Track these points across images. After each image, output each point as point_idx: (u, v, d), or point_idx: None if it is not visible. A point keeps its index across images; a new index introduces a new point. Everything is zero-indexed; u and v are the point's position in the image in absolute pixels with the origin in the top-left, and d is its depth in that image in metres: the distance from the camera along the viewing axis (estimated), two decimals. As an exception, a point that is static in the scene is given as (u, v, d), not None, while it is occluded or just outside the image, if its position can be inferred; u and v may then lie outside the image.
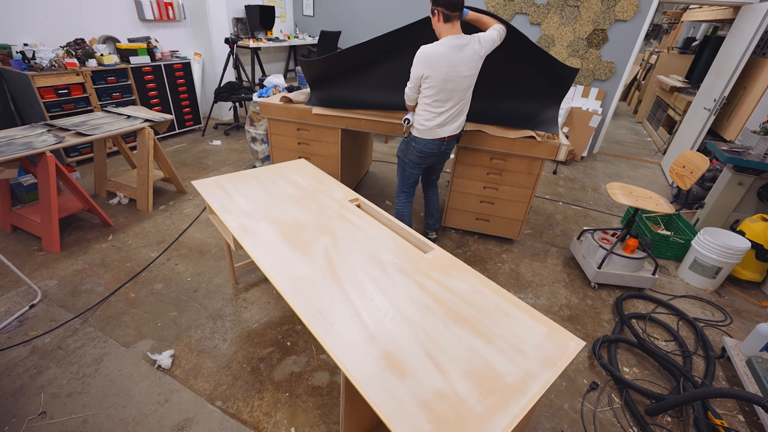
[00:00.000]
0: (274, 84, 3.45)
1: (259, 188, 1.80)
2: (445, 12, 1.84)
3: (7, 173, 2.13)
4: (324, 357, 1.83)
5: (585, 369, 1.88)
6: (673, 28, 8.34)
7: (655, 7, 4.15)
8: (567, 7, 4.45)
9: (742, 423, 1.68)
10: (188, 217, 2.92)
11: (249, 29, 5.22)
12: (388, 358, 0.96)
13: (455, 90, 1.97)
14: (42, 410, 1.51)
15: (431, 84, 1.94)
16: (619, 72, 4.56)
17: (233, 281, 2.25)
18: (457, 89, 1.97)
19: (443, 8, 1.84)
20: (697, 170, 2.27)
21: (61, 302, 2.04)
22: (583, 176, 4.38)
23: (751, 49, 3.55)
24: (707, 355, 1.98)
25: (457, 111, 2.06)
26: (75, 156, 3.59)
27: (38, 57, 3.22)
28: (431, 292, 1.20)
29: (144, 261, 2.40)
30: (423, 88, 1.99)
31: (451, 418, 0.83)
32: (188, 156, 4.05)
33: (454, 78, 1.93)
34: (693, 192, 3.50)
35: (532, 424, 1.60)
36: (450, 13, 1.85)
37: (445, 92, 1.97)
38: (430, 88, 1.96)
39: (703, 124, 4.03)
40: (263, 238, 1.42)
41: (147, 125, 2.74)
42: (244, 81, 5.01)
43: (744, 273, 2.59)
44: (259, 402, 1.61)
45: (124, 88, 3.87)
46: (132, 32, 4.21)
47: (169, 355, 1.75)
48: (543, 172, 2.51)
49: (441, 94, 1.97)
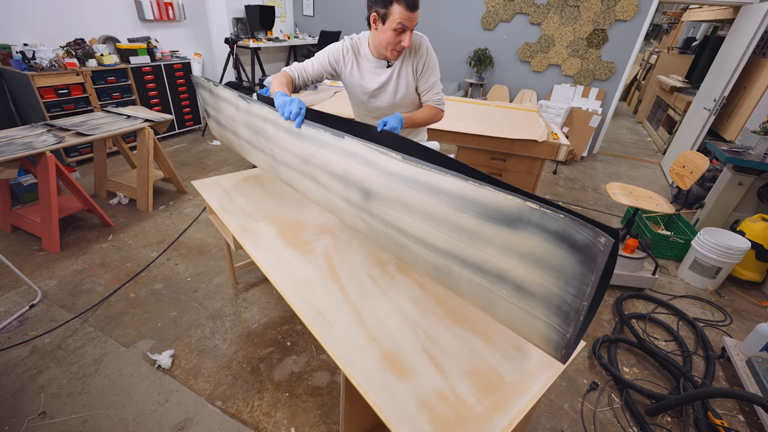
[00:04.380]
0: (274, 84, 3.45)
1: (259, 188, 1.80)
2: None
3: (7, 173, 2.13)
4: (324, 357, 1.83)
5: (585, 369, 1.88)
6: (673, 28, 8.34)
7: (655, 7, 4.15)
8: (567, 7, 4.46)
9: (742, 423, 1.68)
10: (188, 217, 2.92)
11: (249, 29, 5.22)
12: (388, 358, 0.96)
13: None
14: (42, 410, 1.51)
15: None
16: (619, 72, 4.56)
17: (233, 281, 2.25)
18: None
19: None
20: (697, 170, 2.28)
21: (61, 302, 2.04)
22: (583, 176, 4.38)
23: (751, 49, 3.55)
24: (707, 355, 1.98)
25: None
26: (75, 156, 3.59)
27: (38, 57, 3.22)
28: (431, 292, 1.20)
29: (144, 261, 2.40)
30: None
31: (450, 418, 0.83)
32: (188, 156, 4.05)
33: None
34: (693, 192, 3.50)
35: (532, 424, 1.60)
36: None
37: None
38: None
39: (703, 124, 4.03)
40: (263, 238, 1.42)
41: (147, 125, 2.74)
42: (244, 81, 5.01)
43: (744, 273, 2.59)
44: (259, 402, 1.61)
45: (124, 88, 3.87)
46: (132, 32, 4.21)
47: (169, 355, 1.75)
48: (543, 172, 2.51)
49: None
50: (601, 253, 0.63)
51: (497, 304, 0.82)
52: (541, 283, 0.72)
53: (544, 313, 0.74)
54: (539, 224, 0.71)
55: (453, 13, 5.05)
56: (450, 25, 5.11)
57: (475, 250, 0.81)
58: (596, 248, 0.64)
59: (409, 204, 0.92)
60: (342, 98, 3.05)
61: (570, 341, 0.71)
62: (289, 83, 1.47)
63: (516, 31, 4.82)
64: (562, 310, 0.71)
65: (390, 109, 1.60)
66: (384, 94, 1.57)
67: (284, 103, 1.20)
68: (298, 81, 1.53)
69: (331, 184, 1.14)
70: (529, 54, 4.86)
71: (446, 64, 5.25)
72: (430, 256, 0.92)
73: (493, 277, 0.80)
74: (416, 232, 0.93)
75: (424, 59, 1.48)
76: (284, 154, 1.29)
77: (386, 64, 1.51)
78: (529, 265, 0.73)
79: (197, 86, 1.69)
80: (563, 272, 0.69)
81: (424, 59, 1.48)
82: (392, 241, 1.02)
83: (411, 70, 1.51)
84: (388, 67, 1.51)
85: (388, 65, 1.51)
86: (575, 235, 0.67)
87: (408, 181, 0.91)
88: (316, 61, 1.55)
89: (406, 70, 1.51)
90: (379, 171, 0.97)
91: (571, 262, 0.67)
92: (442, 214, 0.86)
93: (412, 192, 0.91)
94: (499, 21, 4.83)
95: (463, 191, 0.82)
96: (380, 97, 1.58)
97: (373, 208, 1.02)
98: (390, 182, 0.95)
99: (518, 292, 0.77)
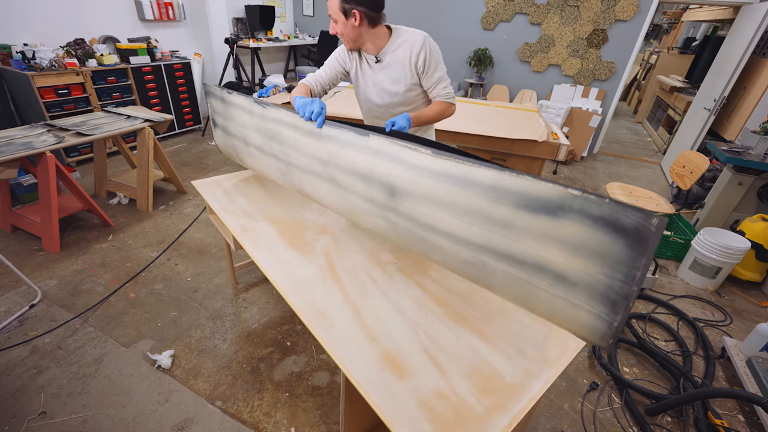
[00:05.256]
0: (274, 84, 3.45)
1: (259, 188, 1.80)
2: (369, 14, 1.37)
3: (7, 173, 2.13)
4: (324, 357, 1.83)
5: (585, 369, 1.88)
6: (673, 28, 8.34)
7: (655, 7, 4.15)
8: (567, 7, 4.45)
9: (742, 423, 1.68)
10: (188, 217, 2.92)
11: (249, 29, 5.22)
12: (388, 358, 0.96)
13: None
14: (42, 410, 1.51)
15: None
16: (619, 72, 4.56)
17: (233, 281, 2.25)
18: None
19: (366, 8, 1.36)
20: (697, 170, 2.28)
21: (61, 302, 2.04)
22: (583, 176, 4.38)
23: (751, 49, 3.55)
24: (707, 355, 1.98)
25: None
26: (75, 156, 3.59)
27: (38, 57, 3.22)
28: (431, 292, 1.20)
29: (144, 261, 2.40)
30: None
31: (450, 418, 0.83)
32: (188, 156, 4.05)
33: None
34: (693, 192, 3.50)
35: (532, 424, 1.60)
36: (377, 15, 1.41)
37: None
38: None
39: (703, 124, 4.03)
40: (263, 238, 1.42)
41: (147, 125, 2.74)
42: (244, 81, 5.01)
43: (744, 273, 2.59)
44: (259, 402, 1.61)
45: (124, 88, 3.87)
46: (132, 32, 4.21)
47: (169, 355, 1.75)
48: (543, 172, 2.50)
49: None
50: (653, 234, 0.61)
51: (536, 296, 0.80)
52: (584, 271, 0.70)
53: (588, 302, 0.71)
54: (582, 210, 0.69)
55: (453, 13, 5.05)
56: (450, 25, 5.11)
57: (511, 241, 0.79)
58: (647, 230, 0.62)
59: (438, 199, 0.91)
60: (342, 98, 3.05)
61: (617, 330, 0.69)
62: (308, 93, 1.50)
63: (516, 31, 4.82)
64: (608, 297, 0.68)
65: (386, 107, 1.59)
66: (376, 91, 1.57)
67: (305, 103, 1.21)
68: (316, 89, 1.55)
69: (353, 184, 1.13)
70: (529, 54, 4.86)
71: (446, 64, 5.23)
72: (461, 251, 0.91)
73: (531, 268, 0.78)
74: (446, 227, 0.92)
75: (423, 56, 1.45)
76: (300, 157, 1.29)
77: (375, 60, 1.50)
78: (570, 253, 0.71)
79: (208, 95, 1.69)
80: (609, 258, 0.67)
81: (423, 56, 1.45)
82: (418, 239, 1.01)
83: (408, 67, 1.48)
84: (377, 62, 1.51)
85: (377, 60, 1.50)
86: (622, 219, 0.64)
87: (438, 176, 0.90)
88: (327, 67, 1.57)
89: (398, 66, 1.49)
90: (407, 167, 0.96)
91: (618, 246, 0.65)
92: (475, 206, 0.84)
93: (442, 186, 0.90)
94: (499, 21, 4.83)
95: (498, 182, 0.80)
96: (375, 94, 1.58)
97: (399, 206, 1.01)
98: (419, 178, 0.94)
99: (559, 282, 0.74)
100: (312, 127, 1.21)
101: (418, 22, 5.23)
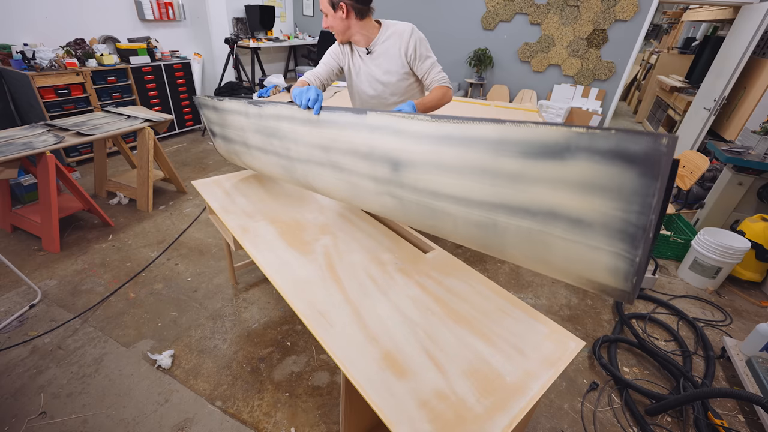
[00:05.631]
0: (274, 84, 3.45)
1: (259, 188, 1.80)
2: (356, 6, 1.45)
3: (7, 173, 2.13)
4: (324, 357, 1.83)
5: (585, 369, 1.88)
6: (673, 28, 8.34)
7: (655, 7, 4.15)
8: (567, 7, 4.46)
9: (742, 423, 1.68)
10: (188, 217, 2.92)
11: (249, 29, 5.22)
12: (388, 358, 0.96)
13: None
14: (42, 410, 1.51)
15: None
16: (619, 72, 4.56)
17: (233, 281, 2.25)
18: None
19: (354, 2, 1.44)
20: (697, 170, 2.27)
21: (61, 302, 2.04)
22: (583, 176, 4.37)
23: (751, 49, 3.55)
24: (707, 355, 1.98)
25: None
26: (75, 156, 3.59)
27: (38, 57, 3.22)
28: (431, 292, 1.20)
29: (144, 261, 2.40)
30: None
31: (450, 418, 0.83)
32: (188, 156, 4.05)
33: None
34: (693, 192, 3.50)
35: (532, 424, 1.60)
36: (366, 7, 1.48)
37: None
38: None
39: (703, 124, 4.03)
40: (263, 238, 1.42)
41: (147, 125, 2.74)
42: (244, 81, 5.01)
43: (744, 273, 2.59)
44: (259, 402, 1.61)
45: (124, 88, 3.87)
46: (132, 32, 4.21)
47: (169, 355, 1.75)
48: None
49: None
50: (665, 154, 0.59)
51: (552, 247, 0.77)
52: (599, 210, 0.68)
53: (607, 242, 0.69)
54: (589, 147, 0.66)
55: (453, 13, 5.05)
56: (450, 25, 5.11)
57: (522, 192, 0.77)
58: (659, 152, 0.59)
59: (443, 163, 0.89)
60: (343, 98, 3.04)
61: (640, 265, 0.67)
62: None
63: (516, 31, 4.82)
64: (626, 233, 0.66)
65: (378, 98, 1.64)
66: (369, 81, 1.62)
67: (300, 92, 1.21)
68: (314, 83, 1.58)
69: (355, 165, 1.12)
70: (529, 54, 4.86)
71: (446, 64, 5.23)
72: (472, 214, 0.89)
73: (544, 216, 0.75)
74: (454, 191, 0.90)
75: (413, 45, 1.50)
76: (301, 148, 1.29)
77: (366, 51, 1.57)
78: (583, 194, 0.69)
79: (200, 107, 1.70)
80: (623, 191, 0.65)
81: (413, 45, 1.50)
82: (427, 210, 0.99)
83: (399, 57, 1.54)
84: (368, 53, 1.57)
85: (368, 52, 1.57)
86: (631, 146, 0.62)
87: (440, 140, 0.88)
88: (323, 63, 1.63)
89: (389, 57, 1.55)
90: (408, 137, 0.95)
91: (631, 176, 0.63)
92: (481, 164, 0.82)
93: (445, 149, 0.88)
94: (499, 21, 4.83)
95: (501, 134, 0.78)
96: (368, 85, 1.63)
97: (404, 179, 1.00)
98: (421, 146, 0.93)
99: (575, 227, 0.72)
100: (310, 116, 1.20)
101: (419, 22, 5.21)
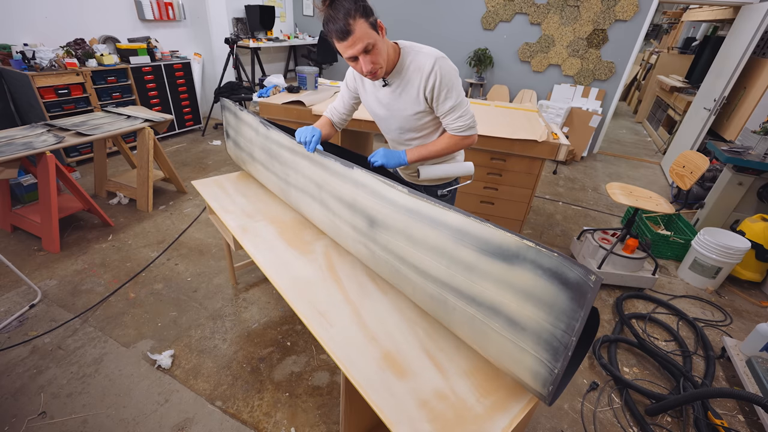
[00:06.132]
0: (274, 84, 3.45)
1: (259, 188, 1.80)
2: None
3: (7, 173, 2.13)
4: (324, 357, 1.83)
5: (585, 369, 1.88)
6: (673, 28, 8.34)
7: (655, 7, 4.15)
8: (567, 7, 4.45)
9: (742, 423, 1.68)
10: (188, 217, 2.92)
11: (249, 29, 5.22)
12: (388, 358, 0.96)
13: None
14: (42, 410, 1.51)
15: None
16: (619, 72, 4.56)
17: (233, 281, 2.25)
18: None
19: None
20: (697, 170, 2.27)
21: (61, 302, 2.04)
22: (583, 176, 4.38)
23: (751, 49, 3.54)
24: (707, 355, 1.98)
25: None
26: (75, 156, 3.59)
27: (38, 57, 3.22)
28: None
29: (144, 261, 2.40)
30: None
31: (450, 418, 0.83)
32: (188, 156, 4.05)
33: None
34: (693, 192, 3.50)
35: (532, 424, 1.60)
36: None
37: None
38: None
39: (703, 124, 4.03)
40: (263, 238, 1.42)
41: (147, 125, 2.74)
42: (244, 81, 5.01)
43: (744, 273, 2.59)
44: (259, 402, 1.61)
45: (124, 88, 3.87)
46: (132, 32, 4.21)
47: (169, 355, 1.75)
48: (543, 172, 2.50)
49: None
50: (591, 290, 0.68)
51: (489, 337, 0.85)
52: (532, 317, 0.76)
53: (533, 348, 0.76)
54: (534, 261, 0.75)
55: (453, 14, 5.04)
56: (450, 26, 5.11)
57: (472, 282, 0.85)
58: (587, 285, 0.68)
59: (411, 235, 0.97)
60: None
61: (557, 377, 0.74)
62: (327, 124, 1.53)
63: (516, 31, 4.82)
64: (551, 345, 0.74)
65: (397, 132, 1.45)
66: (385, 115, 1.41)
67: (301, 130, 1.34)
68: (335, 119, 1.55)
69: (339, 210, 1.21)
70: (529, 54, 4.86)
71: (446, 64, 5.25)
72: (428, 286, 0.96)
73: (487, 309, 0.83)
74: (417, 261, 0.97)
75: (432, 83, 1.24)
76: (299, 178, 1.38)
77: (382, 83, 1.33)
78: (522, 299, 0.77)
79: (224, 108, 1.84)
80: (554, 308, 0.73)
81: (432, 83, 1.24)
82: (393, 269, 1.07)
83: (418, 92, 1.28)
84: (384, 86, 1.33)
85: (384, 84, 1.33)
86: (567, 272, 0.71)
87: (412, 213, 0.97)
88: (339, 96, 1.50)
89: (407, 90, 1.29)
90: (385, 201, 1.04)
91: (563, 298, 0.71)
92: (443, 246, 0.90)
93: (415, 223, 0.96)
94: (499, 21, 4.83)
95: (463, 226, 0.87)
96: (384, 119, 1.44)
97: (378, 236, 1.07)
98: (395, 213, 1.01)
99: (510, 326, 0.79)
100: (306, 152, 1.32)
101: (419, 22, 5.23)
